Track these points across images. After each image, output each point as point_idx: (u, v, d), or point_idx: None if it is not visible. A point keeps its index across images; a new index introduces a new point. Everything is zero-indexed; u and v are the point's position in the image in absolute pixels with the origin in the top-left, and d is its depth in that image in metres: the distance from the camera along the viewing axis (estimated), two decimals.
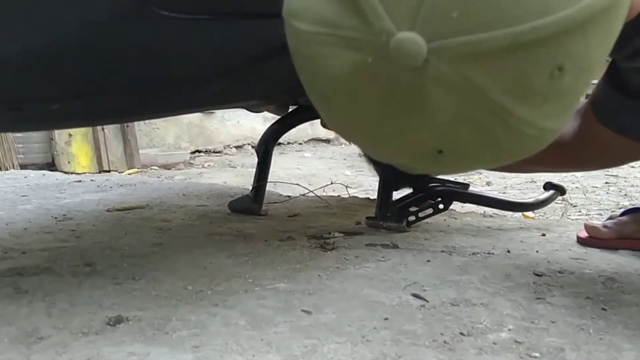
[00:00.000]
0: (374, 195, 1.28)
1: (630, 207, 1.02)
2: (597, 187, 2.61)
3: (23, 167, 3.36)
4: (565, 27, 0.35)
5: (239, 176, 3.21)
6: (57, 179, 2.01)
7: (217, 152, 4.79)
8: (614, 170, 3.29)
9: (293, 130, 1.41)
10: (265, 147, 1.33)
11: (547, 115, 0.39)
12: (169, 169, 3.86)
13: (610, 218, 1.03)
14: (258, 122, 4.85)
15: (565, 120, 0.43)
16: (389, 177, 1.15)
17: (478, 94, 0.36)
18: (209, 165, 4.14)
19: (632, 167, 3.48)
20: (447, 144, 0.40)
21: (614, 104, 0.62)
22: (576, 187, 2.51)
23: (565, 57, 0.36)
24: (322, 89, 0.42)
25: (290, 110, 1.30)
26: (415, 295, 0.74)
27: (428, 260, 0.90)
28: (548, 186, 1.24)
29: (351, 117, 0.42)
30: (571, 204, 1.94)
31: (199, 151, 4.67)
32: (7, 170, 3.10)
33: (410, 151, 0.43)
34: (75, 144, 3.69)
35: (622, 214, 1.01)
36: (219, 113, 4.71)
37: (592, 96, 0.68)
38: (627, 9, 0.41)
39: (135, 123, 3.97)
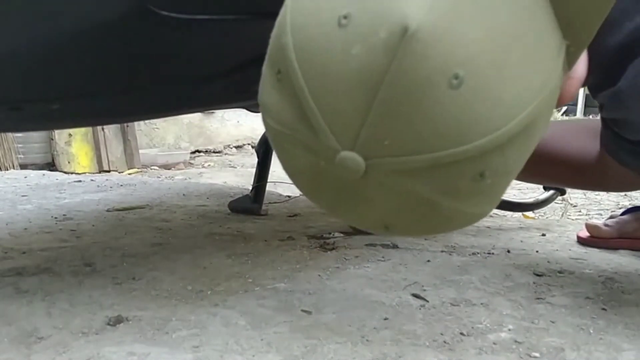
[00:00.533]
0: None
1: (631, 206, 1.02)
2: None
3: (23, 167, 3.36)
4: (481, 152, 0.40)
5: (239, 176, 3.21)
6: (57, 179, 2.01)
7: (217, 152, 4.79)
8: None
9: None
10: (265, 147, 1.33)
11: (474, 205, 0.46)
12: (169, 169, 3.87)
13: (611, 217, 1.03)
14: (258, 122, 4.83)
15: (494, 205, 0.49)
16: None
17: (412, 195, 0.43)
18: (209, 165, 4.14)
19: None
20: (391, 223, 0.48)
21: (609, 139, 0.65)
22: None
23: (485, 168, 0.41)
24: (288, 173, 0.49)
25: None
26: (415, 295, 0.74)
27: (428, 260, 0.91)
28: (548, 186, 1.24)
29: (312, 197, 0.50)
30: (571, 204, 1.94)
31: (199, 151, 4.67)
32: (7, 170, 3.10)
33: (362, 225, 0.52)
34: (75, 144, 3.70)
35: (623, 213, 1.01)
36: (219, 113, 4.71)
37: (601, 127, 0.69)
38: (546, 121, 0.45)
39: (135, 123, 3.97)
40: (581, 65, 0.50)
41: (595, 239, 1.00)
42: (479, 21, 0.39)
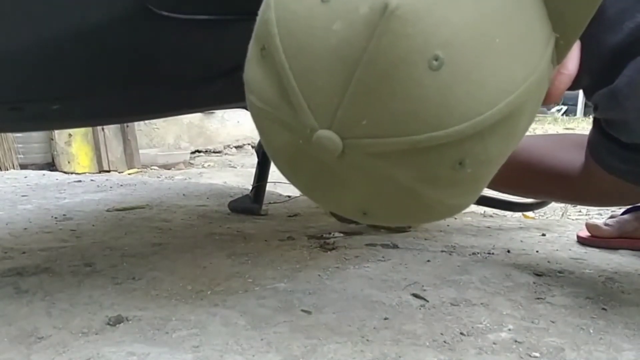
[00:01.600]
0: None
1: (631, 206, 1.02)
2: None
3: (23, 167, 3.36)
4: (460, 138, 0.39)
5: (239, 176, 3.21)
6: (57, 179, 2.01)
7: (217, 152, 4.79)
8: None
9: None
10: None
11: (454, 196, 0.45)
12: (169, 169, 3.87)
13: (611, 217, 1.03)
14: None
15: (475, 198, 0.48)
16: None
17: (390, 180, 0.42)
18: (208, 165, 4.14)
19: None
20: (369, 209, 0.47)
21: (599, 145, 0.64)
22: None
23: (464, 156, 0.41)
24: (268, 152, 0.49)
25: None
26: (415, 295, 0.74)
27: (428, 260, 0.90)
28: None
29: (290, 178, 0.50)
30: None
31: (199, 151, 4.67)
32: (7, 170, 3.10)
33: (340, 210, 0.51)
34: (75, 144, 3.70)
35: (624, 213, 1.01)
36: (219, 113, 4.71)
37: (589, 133, 0.68)
38: (532, 113, 0.45)
39: (135, 123, 3.97)
40: (572, 61, 0.49)
41: (595, 238, 1.00)
42: (463, 4, 0.38)
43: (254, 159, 1.49)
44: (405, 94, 0.38)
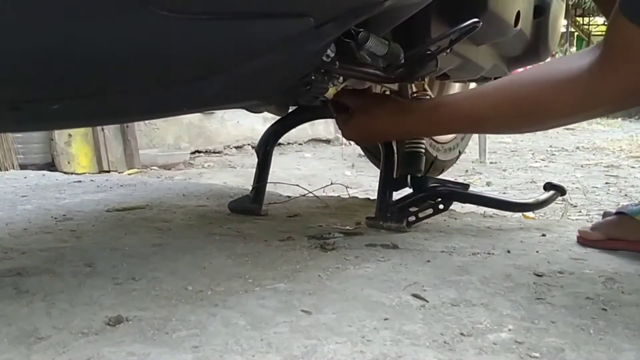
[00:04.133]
0: (374, 195, 1.28)
1: (622, 207, 1.02)
2: (597, 188, 2.62)
3: (23, 167, 3.37)
4: None
5: (239, 176, 3.21)
6: (57, 179, 2.01)
7: (217, 153, 4.80)
8: (614, 171, 3.30)
9: (293, 130, 1.40)
10: (265, 148, 1.33)
11: None
12: (168, 169, 3.87)
13: (605, 214, 1.03)
14: (258, 122, 4.85)
15: None
16: (388, 178, 1.15)
17: None
18: (208, 165, 4.14)
19: (633, 167, 3.49)
20: None
21: None
22: (576, 188, 2.52)
23: None
24: None
25: (290, 110, 1.30)
26: (415, 296, 0.74)
27: (428, 261, 0.90)
28: (548, 186, 1.24)
29: None
30: (571, 204, 1.94)
31: (199, 151, 4.67)
32: (7, 170, 3.10)
33: None
34: (75, 144, 3.70)
35: (616, 213, 1.01)
36: (219, 113, 4.72)
37: None
38: None
39: (135, 123, 3.98)
40: None
41: (590, 241, 1.00)
42: None
43: (254, 159, 1.49)
44: None
